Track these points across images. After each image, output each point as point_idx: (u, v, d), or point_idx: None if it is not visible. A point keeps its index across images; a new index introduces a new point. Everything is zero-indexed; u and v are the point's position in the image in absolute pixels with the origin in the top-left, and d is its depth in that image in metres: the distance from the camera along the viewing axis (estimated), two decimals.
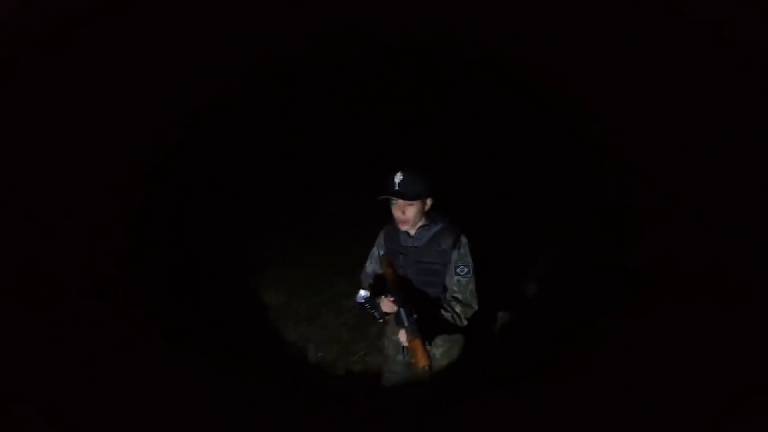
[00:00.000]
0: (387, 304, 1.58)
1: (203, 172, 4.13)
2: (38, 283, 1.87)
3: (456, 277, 1.62)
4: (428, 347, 1.60)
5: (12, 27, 1.62)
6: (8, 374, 1.62)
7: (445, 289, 1.67)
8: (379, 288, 1.67)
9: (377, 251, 1.79)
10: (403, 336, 1.51)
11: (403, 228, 1.64)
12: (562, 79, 2.96)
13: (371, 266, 1.82)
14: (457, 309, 1.63)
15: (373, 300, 1.57)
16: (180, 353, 2.42)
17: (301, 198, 5.01)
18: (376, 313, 1.59)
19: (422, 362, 1.37)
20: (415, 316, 1.48)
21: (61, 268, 2.06)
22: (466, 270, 1.61)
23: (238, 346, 2.61)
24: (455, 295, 1.65)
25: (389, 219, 1.70)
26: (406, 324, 1.47)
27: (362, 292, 1.57)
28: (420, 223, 1.65)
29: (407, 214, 1.59)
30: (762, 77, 1.73)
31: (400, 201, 1.59)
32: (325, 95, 4.37)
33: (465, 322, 1.65)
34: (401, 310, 1.50)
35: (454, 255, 1.62)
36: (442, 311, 1.63)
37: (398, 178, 1.58)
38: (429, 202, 1.63)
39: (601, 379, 2.10)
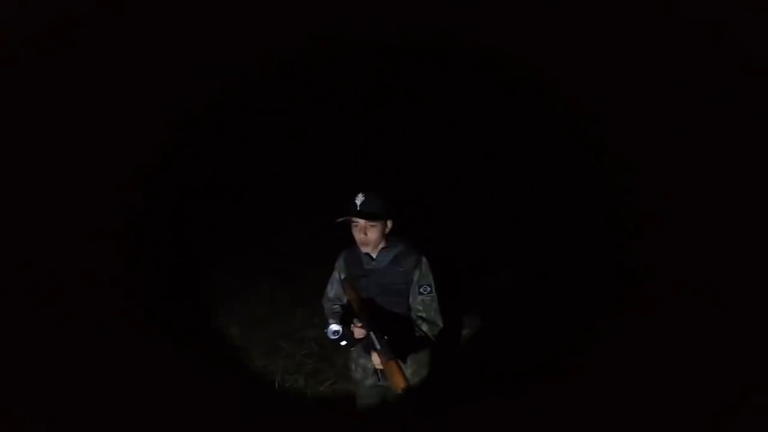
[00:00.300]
0: (357, 331, 1.58)
1: (196, 172, 4.11)
2: (38, 283, 1.86)
3: (420, 297, 1.65)
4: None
5: (12, 27, 1.59)
6: (8, 374, 1.59)
7: (409, 308, 1.69)
8: (345, 314, 1.68)
9: (338, 275, 1.79)
10: (376, 359, 1.52)
11: (365, 249, 1.66)
12: (561, 78, 2.95)
13: (333, 291, 1.81)
14: (424, 328, 1.66)
15: (344, 331, 1.54)
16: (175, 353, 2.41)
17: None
18: (348, 344, 1.56)
19: (400, 384, 1.37)
20: (386, 338, 1.47)
21: (60, 269, 2.05)
22: (429, 289, 1.64)
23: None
24: (420, 314, 1.67)
25: (350, 242, 1.71)
26: (378, 347, 1.46)
27: (333, 327, 1.53)
28: (381, 245, 1.67)
29: (369, 236, 1.61)
30: (762, 77, 1.73)
31: (362, 222, 1.60)
32: (323, 96, 4.36)
33: (433, 340, 1.68)
34: (371, 333, 1.49)
35: (416, 275, 1.65)
36: (410, 330, 1.65)
37: (359, 199, 1.60)
38: (390, 223, 1.65)
39: (600, 380, 2.10)
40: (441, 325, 1.67)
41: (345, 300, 1.76)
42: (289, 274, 4.08)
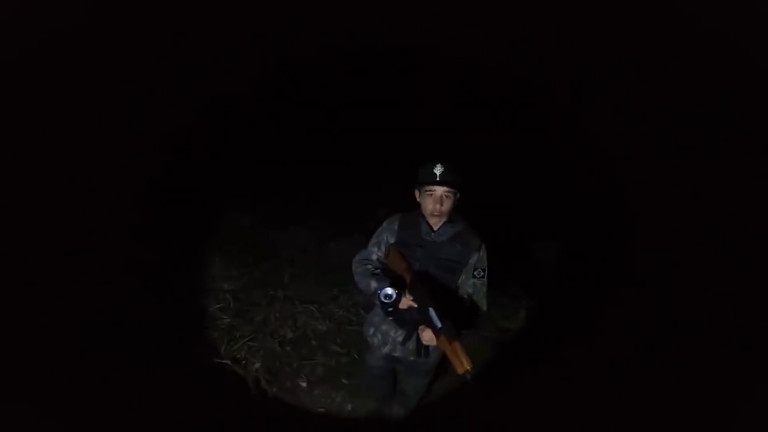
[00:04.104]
0: (405, 302, 1.52)
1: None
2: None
3: (472, 279, 1.63)
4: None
5: (11, 29, 1.44)
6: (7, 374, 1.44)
7: (456, 288, 1.67)
8: (387, 278, 1.60)
9: (386, 238, 1.68)
10: (429, 336, 1.48)
11: (434, 220, 1.62)
12: (563, 79, 2.95)
13: (377, 254, 1.69)
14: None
15: (396, 297, 1.48)
16: None
17: None
18: (392, 311, 1.51)
19: (466, 366, 1.34)
20: (447, 319, 1.42)
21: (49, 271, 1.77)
22: (482, 273, 1.64)
23: None
24: (468, 296, 1.66)
25: (412, 207, 1.68)
26: (439, 325, 1.40)
27: (389, 290, 1.47)
28: (441, 222, 1.64)
29: (445, 205, 1.58)
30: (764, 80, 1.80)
31: (440, 190, 1.57)
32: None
33: (474, 324, 1.69)
34: (431, 309, 1.43)
35: (474, 257, 1.63)
36: (460, 308, 1.62)
37: (439, 169, 1.56)
38: (458, 197, 1.63)
39: (600, 380, 2.12)
40: (485, 309, 1.67)
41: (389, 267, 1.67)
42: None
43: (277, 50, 2.90)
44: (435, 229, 1.63)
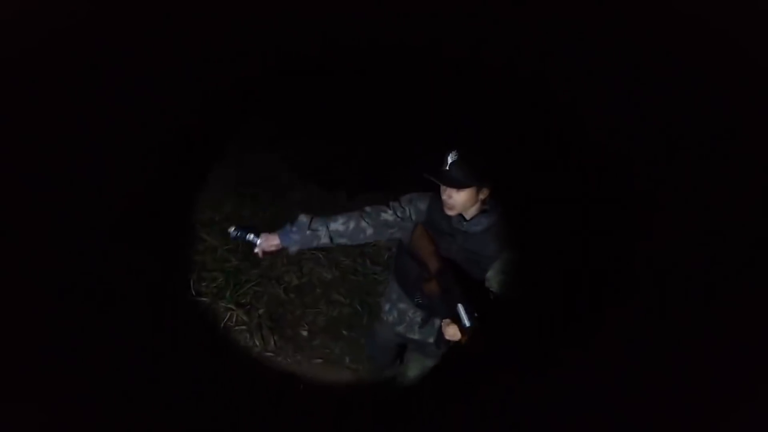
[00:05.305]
0: (431, 287, 1.41)
1: None
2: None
3: (501, 276, 1.46)
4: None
5: (11, 28, 1.33)
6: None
7: (482, 281, 1.50)
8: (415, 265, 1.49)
9: (410, 213, 1.49)
10: (453, 332, 1.36)
11: (449, 213, 1.42)
12: (560, 75, 2.74)
13: (392, 216, 1.48)
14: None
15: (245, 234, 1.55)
16: None
17: None
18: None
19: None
20: (476, 314, 1.32)
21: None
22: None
23: None
24: (492, 289, 1.51)
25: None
26: (468, 325, 1.31)
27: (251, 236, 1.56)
28: (475, 211, 1.43)
29: (454, 200, 1.38)
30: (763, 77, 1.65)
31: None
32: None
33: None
34: (460, 306, 1.33)
35: (507, 252, 1.46)
36: (485, 301, 1.49)
37: (451, 158, 1.35)
38: (486, 191, 1.40)
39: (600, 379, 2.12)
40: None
41: (376, 238, 1.54)
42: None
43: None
44: (468, 218, 1.43)
